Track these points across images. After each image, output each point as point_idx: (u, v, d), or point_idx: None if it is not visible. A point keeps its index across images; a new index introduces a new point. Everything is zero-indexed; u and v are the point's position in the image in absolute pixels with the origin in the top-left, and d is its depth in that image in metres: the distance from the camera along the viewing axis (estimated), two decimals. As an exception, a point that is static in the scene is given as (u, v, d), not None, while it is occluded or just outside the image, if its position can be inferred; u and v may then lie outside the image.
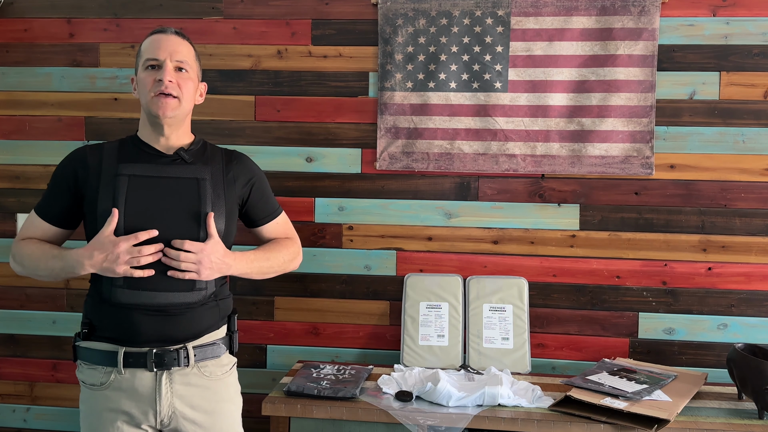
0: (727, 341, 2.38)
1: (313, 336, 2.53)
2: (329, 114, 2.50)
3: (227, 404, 1.81)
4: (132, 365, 1.69)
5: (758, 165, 2.37)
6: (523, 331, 2.36)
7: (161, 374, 1.70)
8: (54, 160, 2.59)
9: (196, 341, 1.75)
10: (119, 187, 1.70)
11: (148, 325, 1.69)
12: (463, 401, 2.01)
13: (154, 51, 1.74)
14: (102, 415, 1.71)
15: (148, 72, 1.74)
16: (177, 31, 1.80)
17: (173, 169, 1.75)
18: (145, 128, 1.80)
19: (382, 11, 2.45)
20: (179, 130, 1.80)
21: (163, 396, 1.70)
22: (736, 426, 1.93)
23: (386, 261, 2.50)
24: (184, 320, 1.72)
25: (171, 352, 1.70)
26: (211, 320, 1.79)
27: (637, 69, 2.36)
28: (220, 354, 1.80)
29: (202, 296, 1.75)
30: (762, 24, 2.34)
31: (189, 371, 1.74)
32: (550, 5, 2.38)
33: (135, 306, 1.68)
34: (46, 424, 2.64)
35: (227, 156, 1.87)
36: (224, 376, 1.81)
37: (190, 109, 1.80)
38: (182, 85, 1.75)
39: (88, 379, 1.74)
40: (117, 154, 1.77)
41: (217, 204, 1.76)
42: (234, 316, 1.88)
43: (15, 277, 2.62)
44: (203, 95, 1.88)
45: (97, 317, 1.74)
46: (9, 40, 2.59)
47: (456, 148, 2.44)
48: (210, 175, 1.78)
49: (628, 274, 2.42)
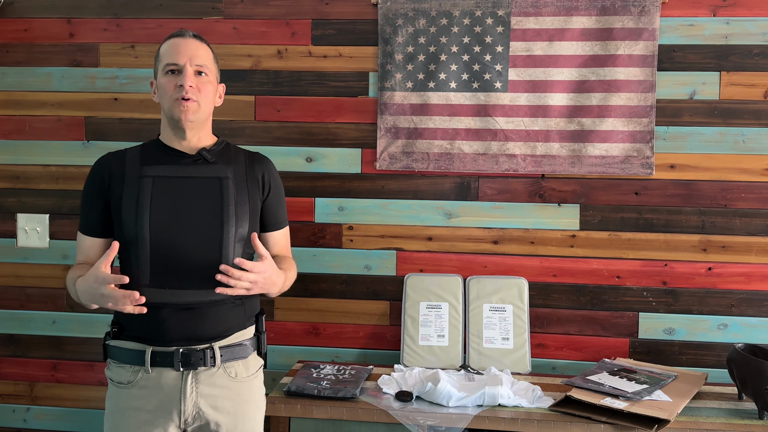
0: (727, 341, 2.38)
1: (313, 336, 2.53)
2: (329, 114, 2.50)
3: (251, 407, 1.82)
4: (159, 364, 1.71)
5: (758, 165, 2.37)
6: (523, 331, 2.36)
7: (187, 374, 1.72)
8: (54, 160, 2.60)
9: (222, 341, 1.76)
10: (144, 188, 1.74)
11: (174, 324, 1.71)
12: (463, 401, 2.01)
13: (174, 56, 1.75)
14: (126, 414, 1.73)
15: (168, 77, 1.76)
16: (195, 34, 1.81)
17: (196, 169, 1.78)
18: (166, 132, 1.82)
19: (382, 11, 2.45)
20: (201, 133, 1.82)
21: (188, 396, 1.72)
22: (736, 426, 1.93)
23: (386, 261, 2.50)
24: (209, 318, 1.74)
25: (197, 352, 1.72)
26: (236, 319, 1.80)
27: (637, 69, 2.36)
28: (247, 355, 1.81)
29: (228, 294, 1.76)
30: (762, 24, 2.34)
31: (215, 371, 1.75)
32: (550, 5, 2.38)
33: (162, 305, 1.70)
34: (46, 424, 2.64)
35: (251, 157, 1.90)
36: (250, 378, 1.82)
37: (210, 112, 1.83)
38: (202, 89, 1.76)
39: (116, 377, 1.76)
40: (140, 158, 1.80)
41: (241, 202, 1.79)
42: (261, 317, 1.89)
43: (15, 277, 2.62)
44: (222, 96, 1.90)
45: (124, 317, 1.76)
46: (9, 40, 2.59)
47: (456, 148, 2.44)
48: (233, 174, 1.80)
49: (628, 274, 2.42)
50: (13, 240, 2.62)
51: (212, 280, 1.72)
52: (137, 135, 2.54)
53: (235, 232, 1.76)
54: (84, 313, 2.58)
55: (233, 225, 1.76)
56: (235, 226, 1.76)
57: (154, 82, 1.82)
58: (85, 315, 2.58)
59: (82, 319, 2.59)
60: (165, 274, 1.71)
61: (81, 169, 2.58)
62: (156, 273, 1.71)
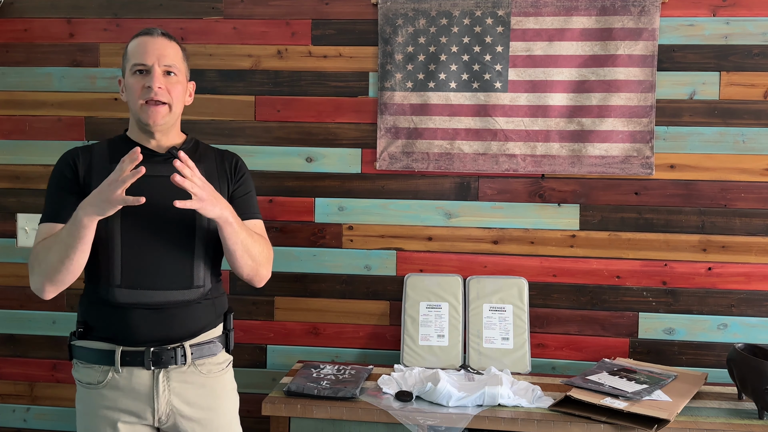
0: (727, 341, 2.38)
1: (313, 336, 2.53)
2: (329, 114, 2.50)
3: (224, 401, 1.82)
4: (129, 364, 1.70)
5: (758, 165, 2.37)
6: (523, 331, 2.36)
7: (158, 372, 1.71)
8: (54, 160, 2.56)
9: (192, 339, 1.75)
10: None
11: (145, 324, 1.69)
12: (463, 401, 2.01)
13: (141, 56, 1.72)
14: (98, 414, 1.71)
15: (136, 77, 1.73)
16: (164, 32, 1.78)
17: (166, 168, 1.73)
18: (134, 130, 1.80)
19: (382, 11, 2.45)
20: (170, 133, 1.80)
21: (160, 394, 1.71)
22: (736, 426, 1.93)
23: (386, 261, 2.50)
24: (181, 318, 1.73)
25: (168, 351, 1.71)
26: (207, 318, 1.79)
27: (637, 69, 2.36)
28: (217, 352, 1.81)
29: (200, 294, 1.76)
30: (762, 24, 2.34)
31: (186, 369, 1.74)
32: (550, 5, 2.38)
33: (133, 305, 1.69)
34: (46, 424, 2.64)
35: (220, 154, 1.88)
36: (221, 373, 1.82)
37: (180, 113, 1.80)
38: (171, 89, 1.74)
39: (84, 378, 1.74)
40: (108, 155, 1.76)
41: None
42: (230, 315, 1.88)
43: (15, 277, 2.62)
44: (192, 95, 1.88)
45: (93, 317, 1.74)
46: (9, 40, 2.59)
47: (456, 148, 2.44)
48: (204, 172, 1.77)
49: (628, 274, 2.42)
50: (13, 240, 2.62)
51: (184, 280, 1.72)
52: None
53: (207, 230, 1.75)
54: (84, 313, 2.58)
55: (205, 223, 1.74)
56: (207, 224, 1.74)
57: (122, 81, 1.79)
58: (85, 315, 2.59)
59: (82, 319, 2.59)
60: (136, 274, 1.69)
61: (81, 169, 2.58)
62: (127, 273, 1.69)
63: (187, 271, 1.73)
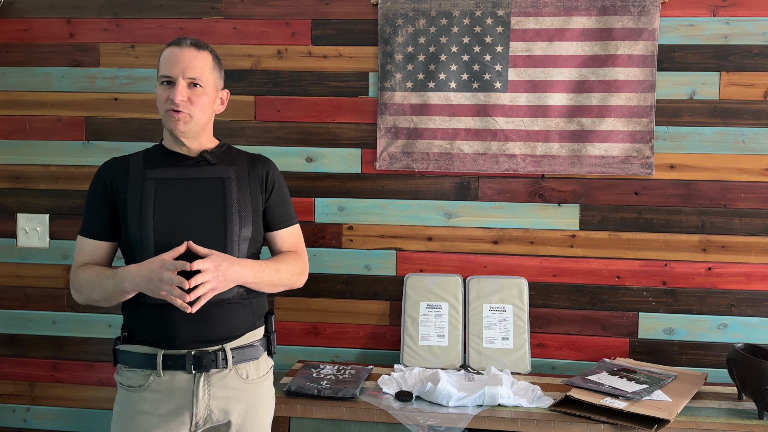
0: (727, 341, 2.38)
1: (313, 336, 2.53)
2: (329, 114, 2.50)
3: (261, 409, 1.84)
4: (171, 367, 1.72)
5: (758, 165, 2.37)
6: (523, 331, 2.36)
7: (199, 376, 1.73)
8: (54, 160, 2.60)
9: (233, 342, 1.77)
10: (147, 190, 1.75)
11: (184, 326, 1.71)
12: (463, 401, 2.01)
13: (168, 67, 1.76)
14: (136, 418, 1.73)
15: (162, 88, 1.77)
16: (194, 42, 1.79)
17: (198, 171, 1.79)
18: (167, 137, 1.84)
19: (382, 11, 2.45)
20: (200, 139, 1.83)
21: (200, 398, 1.72)
22: (736, 426, 1.93)
23: (386, 261, 2.50)
24: (217, 319, 1.74)
25: (209, 354, 1.73)
26: (244, 319, 1.80)
27: (637, 69, 2.36)
28: (258, 356, 1.83)
29: (235, 293, 1.77)
30: (762, 24, 2.34)
31: (227, 373, 1.76)
32: (550, 5, 2.38)
33: (168, 307, 1.70)
34: (46, 424, 2.64)
35: (252, 158, 1.90)
36: (261, 380, 1.84)
37: (206, 121, 1.82)
38: (195, 101, 1.76)
39: (126, 381, 1.76)
40: (143, 162, 1.81)
41: (243, 202, 1.80)
42: (271, 317, 1.90)
43: (15, 277, 2.62)
44: (224, 102, 1.90)
45: (134, 322, 1.77)
46: (9, 40, 2.59)
47: (456, 148, 2.44)
48: (235, 175, 1.81)
49: (628, 274, 2.42)
50: (13, 240, 2.62)
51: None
52: (137, 135, 2.54)
53: (239, 231, 1.77)
54: (84, 312, 2.58)
55: (237, 224, 1.77)
56: (238, 226, 1.77)
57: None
58: (85, 315, 2.58)
59: (82, 319, 2.59)
60: None
61: (81, 169, 2.58)
62: None
63: None
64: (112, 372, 2.58)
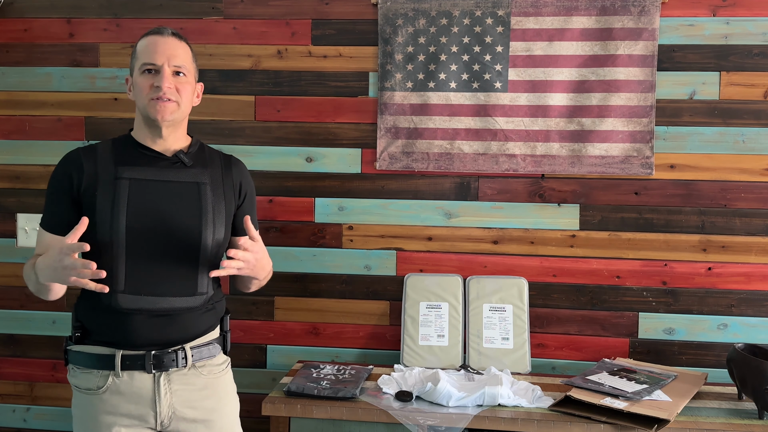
0: (727, 341, 2.38)
1: (313, 336, 2.53)
2: (329, 114, 2.50)
3: (226, 402, 1.82)
4: (130, 368, 1.68)
5: (758, 165, 2.37)
6: (523, 331, 2.36)
7: (159, 375, 1.70)
8: (54, 160, 2.57)
9: (192, 342, 1.76)
10: (120, 191, 1.68)
11: (147, 329, 1.68)
12: (463, 401, 2.01)
13: (151, 55, 1.71)
14: (99, 419, 1.69)
15: (145, 76, 1.71)
16: (174, 32, 1.76)
17: (174, 173, 1.73)
18: (141, 130, 1.77)
19: (382, 11, 2.45)
20: (177, 133, 1.78)
21: (162, 397, 1.70)
22: (736, 426, 1.93)
23: (386, 261, 2.50)
24: (183, 323, 1.72)
25: (169, 354, 1.70)
26: (208, 323, 1.80)
27: (637, 69, 2.36)
28: (216, 354, 1.82)
29: (203, 300, 1.75)
30: (762, 24, 2.34)
31: (187, 371, 1.74)
32: (550, 5, 2.38)
33: (136, 311, 1.67)
34: (46, 424, 2.64)
35: (226, 160, 1.86)
36: (221, 374, 1.82)
37: (188, 112, 1.79)
38: (180, 89, 1.73)
39: (82, 383, 1.72)
40: (113, 157, 1.74)
41: (218, 208, 1.76)
42: (227, 317, 1.88)
43: (15, 277, 2.62)
44: (200, 96, 1.86)
45: (91, 321, 1.72)
46: (9, 40, 2.59)
47: (456, 148, 2.44)
48: (210, 179, 1.77)
49: (628, 274, 2.42)
50: (13, 240, 2.62)
51: (189, 287, 1.71)
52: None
53: (213, 237, 1.74)
54: (84, 313, 2.58)
55: (211, 230, 1.73)
56: (213, 232, 1.73)
57: (130, 79, 1.78)
58: (85, 315, 2.59)
59: (82, 319, 2.59)
60: (140, 280, 1.67)
61: (81, 169, 2.58)
62: (131, 279, 1.67)
63: (192, 279, 1.72)
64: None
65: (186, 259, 1.72)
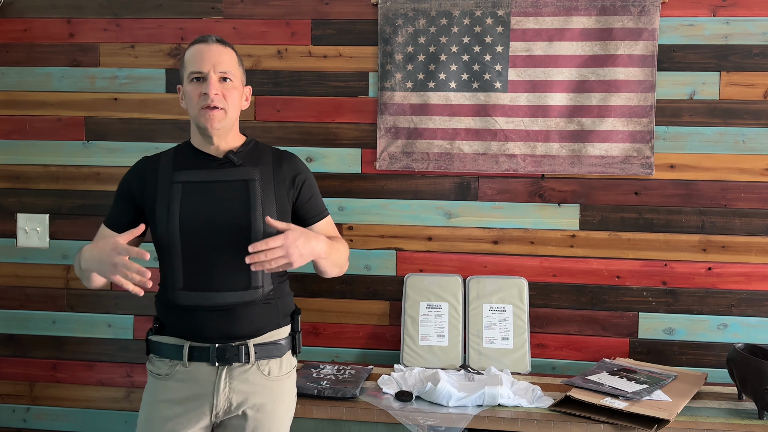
0: (727, 341, 2.38)
1: (313, 336, 2.53)
2: (329, 114, 2.50)
3: (281, 406, 1.83)
4: (196, 359, 1.76)
5: (758, 165, 2.37)
6: (523, 331, 2.36)
7: (222, 369, 1.75)
8: (54, 160, 2.60)
9: (256, 339, 1.79)
10: (174, 194, 1.77)
11: (210, 323, 1.75)
12: (463, 401, 2.01)
13: (198, 63, 1.76)
14: (159, 405, 1.77)
15: (193, 85, 1.77)
16: (219, 39, 1.82)
17: (223, 173, 1.80)
18: (195, 136, 1.84)
19: (382, 11, 2.45)
20: (228, 136, 1.83)
21: (221, 390, 1.75)
22: (736, 426, 1.93)
23: (386, 261, 2.50)
24: (242, 318, 1.77)
25: (232, 348, 1.75)
26: (269, 318, 1.82)
27: (637, 69, 2.36)
28: (282, 354, 1.83)
29: (259, 294, 1.79)
30: (762, 24, 2.34)
31: (249, 368, 1.77)
32: (550, 5, 2.38)
33: (196, 307, 1.75)
34: (46, 424, 2.64)
35: (277, 155, 1.90)
36: (282, 377, 1.83)
37: (236, 117, 1.84)
38: (227, 95, 1.77)
39: (155, 369, 1.81)
40: (172, 163, 1.82)
41: (267, 203, 1.80)
42: (297, 316, 1.90)
43: (15, 277, 2.62)
44: (248, 99, 1.91)
45: (164, 316, 1.82)
46: (9, 40, 2.59)
47: (456, 148, 2.44)
48: (259, 176, 1.81)
49: (628, 274, 2.42)
50: (13, 240, 2.62)
51: (242, 281, 1.76)
52: (137, 135, 2.54)
53: (263, 232, 1.77)
54: (84, 313, 2.58)
55: (261, 225, 1.77)
56: (262, 227, 1.77)
57: (181, 88, 1.84)
58: (85, 315, 2.59)
59: (82, 319, 2.59)
60: (197, 277, 1.75)
61: (81, 169, 2.58)
62: (188, 276, 1.75)
63: (245, 273, 1.76)
64: (111, 372, 2.59)
65: (237, 255, 1.72)
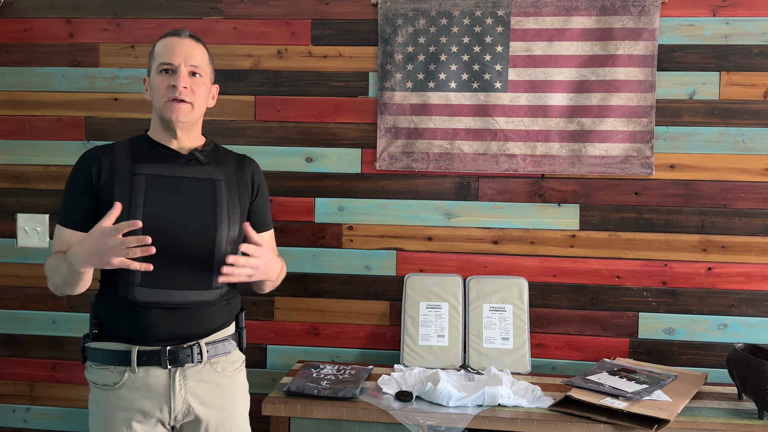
0: (727, 341, 2.38)
1: (313, 336, 2.53)
2: (329, 114, 2.50)
3: (238, 401, 1.84)
4: (146, 363, 1.71)
5: (758, 165, 2.37)
6: (523, 331, 2.36)
7: (175, 371, 1.73)
8: (54, 160, 2.60)
9: (208, 338, 1.78)
10: (137, 186, 1.71)
11: (163, 323, 1.71)
12: (463, 401, 2.01)
13: (169, 55, 1.74)
14: (114, 415, 1.72)
15: (162, 76, 1.75)
16: (191, 34, 1.80)
17: (189, 170, 1.78)
18: (156, 129, 1.81)
19: (382, 11, 2.45)
20: (191, 133, 1.82)
21: (177, 393, 1.72)
22: (736, 426, 1.93)
23: (386, 261, 2.50)
24: (199, 318, 1.75)
25: (184, 349, 1.73)
26: (223, 318, 1.82)
27: (637, 69, 2.36)
28: (231, 350, 1.84)
29: (218, 294, 1.78)
30: (762, 24, 2.34)
31: (202, 368, 1.76)
32: (550, 5, 2.38)
33: (152, 304, 1.70)
34: (46, 424, 2.64)
35: (239, 159, 1.90)
36: (235, 372, 1.84)
37: (202, 113, 1.82)
38: (196, 90, 1.76)
39: (99, 379, 1.74)
40: (130, 154, 1.77)
41: (232, 204, 1.80)
42: (242, 314, 1.91)
43: (15, 277, 2.62)
44: (215, 98, 1.90)
45: (109, 317, 1.75)
46: (9, 40, 2.59)
47: (456, 148, 2.44)
48: (224, 176, 1.81)
49: (628, 274, 2.42)
50: (13, 240, 2.62)
51: (204, 281, 1.75)
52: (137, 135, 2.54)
53: (227, 233, 1.77)
54: (84, 313, 2.58)
55: (226, 226, 1.77)
56: (227, 228, 1.77)
57: (147, 80, 1.81)
58: (85, 315, 2.58)
59: (82, 319, 2.59)
60: (157, 273, 1.68)
61: (81, 169, 2.58)
62: (148, 272, 1.68)
63: (207, 272, 1.75)
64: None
65: (201, 254, 1.74)
